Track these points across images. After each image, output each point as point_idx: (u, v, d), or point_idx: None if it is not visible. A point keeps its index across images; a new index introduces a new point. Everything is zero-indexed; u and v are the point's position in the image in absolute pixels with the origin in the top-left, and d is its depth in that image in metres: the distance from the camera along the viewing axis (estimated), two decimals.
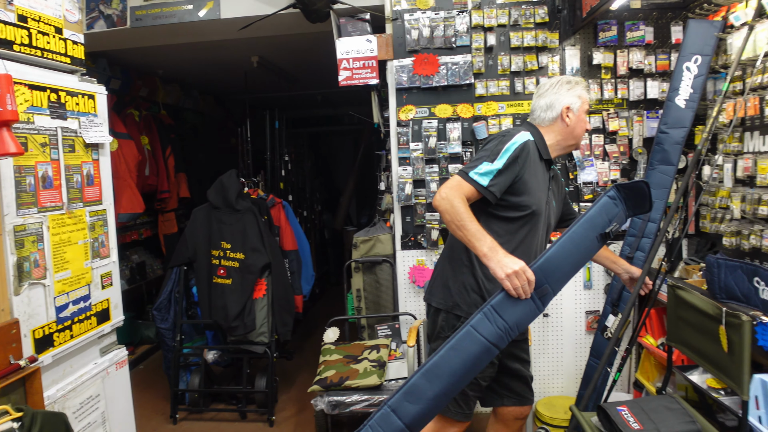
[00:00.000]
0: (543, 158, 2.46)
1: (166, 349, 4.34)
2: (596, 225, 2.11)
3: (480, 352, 2.00)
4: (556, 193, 2.59)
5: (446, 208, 2.18)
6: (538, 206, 2.39)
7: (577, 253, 2.11)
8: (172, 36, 4.40)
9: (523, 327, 2.07)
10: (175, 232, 6.12)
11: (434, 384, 1.96)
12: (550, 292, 2.07)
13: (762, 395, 2.26)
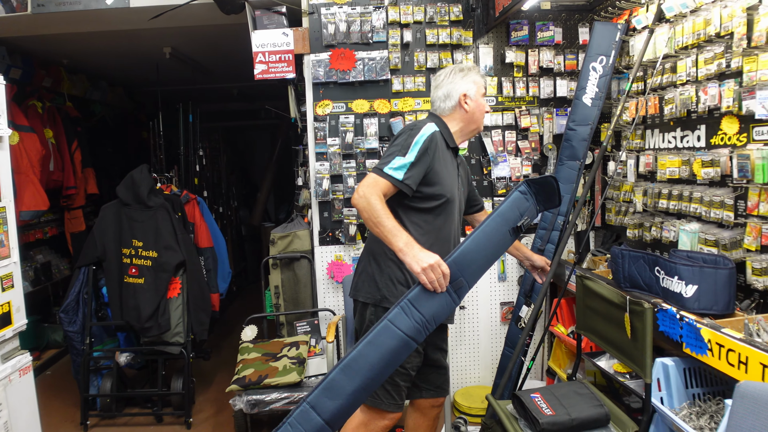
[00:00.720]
0: (449, 147, 2.54)
1: (75, 353, 4.15)
2: (508, 219, 2.17)
3: (398, 346, 2.01)
4: (464, 178, 2.70)
5: (363, 206, 2.20)
6: (451, 194, 2.47)
7: (491, 246, 2.17)
8: (78, 24, 4.19)
9: (440, 320, 2.09)
10: (82, 230, 5.86)
11: (353, 379, 1.96)
12: (465, 285, 2.11)
13: (663, 377, 2.40)
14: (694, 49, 2.78)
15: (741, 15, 2.43)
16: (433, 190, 2.42)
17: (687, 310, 2.37)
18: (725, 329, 2.12)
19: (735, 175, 2.48)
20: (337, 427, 1.97)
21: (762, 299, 2.45)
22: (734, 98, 2.49)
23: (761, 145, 2.37)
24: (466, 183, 2.76)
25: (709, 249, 2.64)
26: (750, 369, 1.95)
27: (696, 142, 2.84)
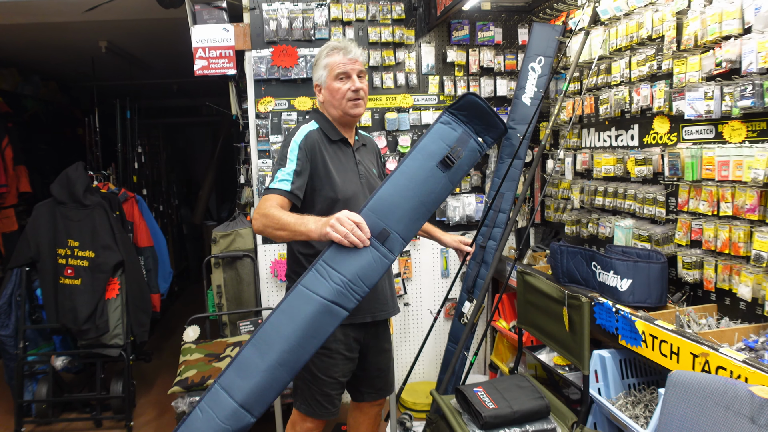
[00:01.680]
0: (335, 140, 2.39)
1: (8, 358, 3.99)
2: (432, 153, 1.95)
3: (317, 312, 1.79)
4: (368, 170, 2.50)
5: (263, 222, 2.09)
6: (345, 192, 2.32)
7: (415, 186, 1.92)
8: (7, 15, 4.03)
9: (372, 280, 1.87)
10: (15, 230, 5.62)
11: (266, 354, 1.75)
12: (394, 235, 1.89)
13: (600, 369, 2.48)
14: (628, 51, 2.88)
15: (671, 19, 2.53)
16: (326, 192, 2.31)
17: (622, 303, 2.46)
18: (658, 321, 2.21)
19: (666, 172, 2.57)
20: (256, 411, 1.75)
21: (692, 292, 2.56)
22: (665, 99, 2.58)
23: (690, 144, 2.47)
24: (378, 174, 2.59)
25: (643, 244, 2.73)
26: (681, 359, 2.03)
27: (630, 141, 2.94)
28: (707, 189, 2.36)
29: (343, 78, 2.35)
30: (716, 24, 2.25)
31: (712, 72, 2.31)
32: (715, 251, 2.37)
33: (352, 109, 2.36)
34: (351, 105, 2.36)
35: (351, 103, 2.35)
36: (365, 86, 2.40)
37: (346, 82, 2.35)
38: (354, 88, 2.34)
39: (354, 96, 2.35)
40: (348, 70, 2.34)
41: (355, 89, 2.34)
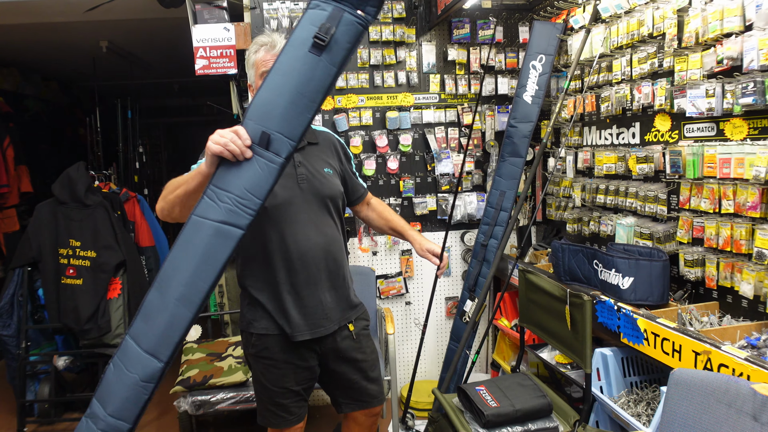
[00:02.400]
0: None
1: (10, 358, 4.00)
2: (303, 40, 1.72)
3: (209, 237, 1.65)
4: (329, 161, 2.33)
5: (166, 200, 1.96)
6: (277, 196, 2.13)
7: (290, 80, 1.71)
8: (8, 15, 4.03)
9: (262, 190, 1.70)
10: (16, 230, 5.63)
11: (165, 293, 1.65)
12: (276, 135, 1.70)
13: (602, 367, 2.48)
14: (629, 48, 2.87)
15: (672, 17, 2.52)
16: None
17: (624, 301, 2.46)
18: (660, 319, 2.21)
19: (668, 170, 2.57)
20: (163, 355, 1.64)
21: (694, 289, 2.56)
22: (666, 97, 2.58)
23: (692, 142, 2.47)
24: (337, 171, 2.37)
25: (645, 242, 2.73)
26: (683, 357, 2.03)
27: (631, 139, 2.94)
28: (709, 187, 2.36)
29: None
30: (717, 21, 2.24)
31: (713, 69, 2.30)
32: (716, 249, 2.36)
33: None
34: None
35: None
36: None
37: None
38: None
39: None
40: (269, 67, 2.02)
41: None
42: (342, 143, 2.49)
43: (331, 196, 2.29)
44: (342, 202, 2.37)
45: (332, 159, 2.38)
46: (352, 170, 2.51)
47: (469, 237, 3.93)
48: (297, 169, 2.23)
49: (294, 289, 2.21)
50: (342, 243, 2.36)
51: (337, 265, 2.30)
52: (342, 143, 2.49)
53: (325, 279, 2.26)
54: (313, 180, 2.24)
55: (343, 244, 2.38)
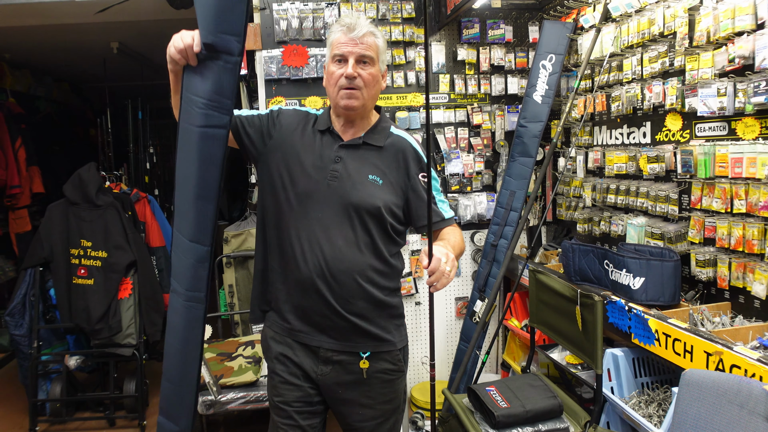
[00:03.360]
0: (321, 129, 2.03)
1: (22, 358, 4.03)
2: None
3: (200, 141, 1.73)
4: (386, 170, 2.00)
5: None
6: (299, 184, 1.96)
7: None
8: (20, 17, 4.06)
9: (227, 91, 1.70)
10: (28, 230, 5.68)
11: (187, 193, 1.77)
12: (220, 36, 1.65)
13: (613, 368, 2.47)
14: (639, 48, 2.86)
15: (683, 15, 2.51)
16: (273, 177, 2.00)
17: (635, 301, 2.44)
18: (671, 319, 2.20)
19: (679, 170, 2.56)
20: (206, 242, 1.79)
21: (706, 290, 2.54)
22: (677, 96, 2.57)
23: (703, 141, 2.45)
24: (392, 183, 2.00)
25: (656, 242, 2.72)
26: (695, 357, 2.02)
27: (642, 139, 2.92)
28: (720, 186, 2.35)
29: (339, 61, 1.94)
30: (729, 20, 2.23)
31: (725, 68, 2.29)
32: (728, 249, 2.35)
33: (342, 99, 1.94)
34: (342, 95, 1.94)
35: (343, 93, 1.93)
36: (366, 74, 1.94)
37: (341, 66, 1.94)
38: (347, 74, 1.90)
39: (346, 84, 1.92)
40: (345, 52, 1.92)
41: (348, 75, 1.90)
42: (419, 155, 2.05)
43: (361, 206, 1.93)
44: (382, 220, 1.96)
45: (391, 169, 2.01)
46: (422, 189, 2.02)
47: (479, 237, 3.92)
48: (333, 165, 1.97)
49: (286, 286, 2.01)
50: (364, 266, 1.94)
51: (344, 289, 1.92)
52: (419, 155, 2.05)
53: (326, 294, 1.93)
54: (345, 181, 1.95)
55: (371, 269, 1.96)
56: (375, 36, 1.97)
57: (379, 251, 1.97)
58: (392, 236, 2.01)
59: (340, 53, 1.92)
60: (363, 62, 1.94)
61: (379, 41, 1.98)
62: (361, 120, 2.04)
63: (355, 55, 1.91)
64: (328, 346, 1.97)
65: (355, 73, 1.90)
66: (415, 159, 2.04)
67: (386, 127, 2.07)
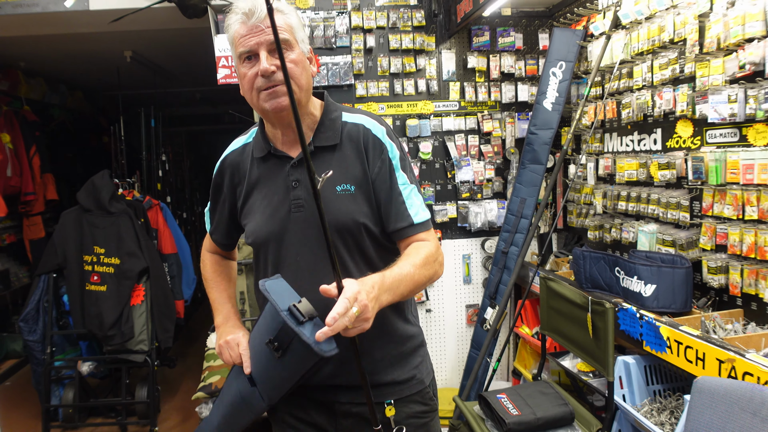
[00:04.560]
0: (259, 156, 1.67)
1: (36, 363, 4.07)
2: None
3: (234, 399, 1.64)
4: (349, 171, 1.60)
5: (202, 272, 1.89)
6: (260, 231, 1.63)
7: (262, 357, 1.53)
8: (36, 26, 4.11)
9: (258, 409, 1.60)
10: (42, 237, 5.73)
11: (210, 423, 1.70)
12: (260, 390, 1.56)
13: (625, 375, 2.46)
14: (650, 54, 2.86)
15: (693, 22, 2.51)
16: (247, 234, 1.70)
17: (646, 308, 2.44)
18: (683, 327, 2.19)
19: (690, 177, 2.55)
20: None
21: (718, 297, 2.53)
22: (688, 102, 2.56)
23: (714, 148, 2.45)
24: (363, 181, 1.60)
25: (667, 249, 2.71)
26: (707, 365, 2.01)
27: (653, 145, 2.92)
28: (732, 193, 2.34)
29: (249, 58, 1.53)
30: (739, 26, 2.23)
31: (735, 75, 2.29)
32: (740, 256, 2.34)
33: (266, 102, 1.53)
34: (264, 97, 1.53)
35: (264, 95, 1.52)
36: (287, 63, 1.48)
37: (252, 64, 1.53)
38: (261, 70, 1.49)
39: (265, 84, 1.51)
40: (251, 46, 1.50)
41: (263, 73, 1.49)
42: (377, 138, 1.62)
43: (341, 228, 1.56)
44: (371, 232, 1.61)
45: (355, 167, 1.60)
46: (390, 181, 1.61)
47: (489, 244, 3.92)
48: (291, 192, 1.60)
49: None
50: None
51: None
52: (377, 138, 1.62)
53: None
54: (312, 206, 1.56)
55: None
56: (282, 12, 1.55)
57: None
58: (390, 248, 1.67)
59: (246, 49, 1.51)
60: (275, 51, 1.49)
61: (290, 18, 1.56)
62: (302, 120, 1.57)
63: (265, 44, 1.50)
64: (345, 399, 1.64)
65: (271, 67, 1.48)
66: (374, 145, 1.61)
67: (336, 118, 1.65)
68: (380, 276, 1.41)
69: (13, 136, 5.34)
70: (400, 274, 1.46)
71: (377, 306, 1.35)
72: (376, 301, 1.34)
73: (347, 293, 1.26)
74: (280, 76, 1.48)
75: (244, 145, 1.75)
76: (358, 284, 1.30)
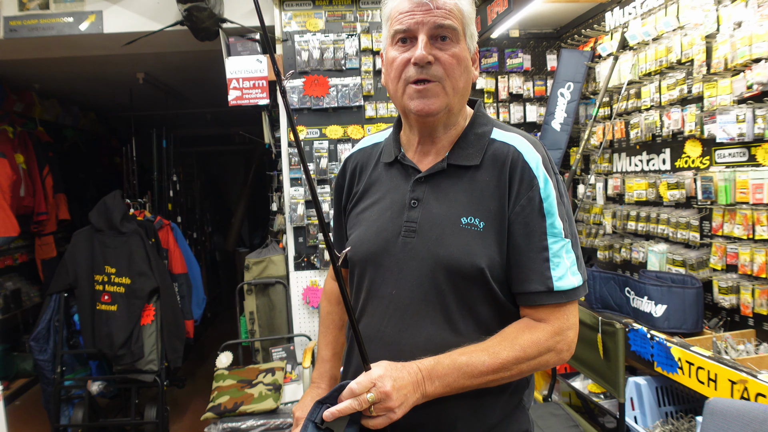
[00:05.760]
0: (388, 161, 1.42)
1: (46, 382, 4.07)
2: None
3: None
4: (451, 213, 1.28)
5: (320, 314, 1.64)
6: (359, 249, 1.37)
7: None
8: (51, 49, 4.19)
9: None
10: (53, 256, 5.76)
11: None
12: None
13: (636, 396, 2.44)
14: (657, 75, 2.88)
15: (700, 43, 2.52)
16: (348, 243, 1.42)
17: (657, 329, 2.42)
18: (694, 347, 2.17)
19: (699, 196, 2.55)
20: None
21: (729, 317, 2.51)
22: (696, 122, 2.57)
23: (723, 168, 2.45)
24: (489, 217, 1.26)
25: (677, 269, 2.70)
26: (719, 386, 1.99)
27: (661, 165, 2.92)
28: (742, 212, 2.33)
29: (403, 40, 1.28)
30: (746, 47, 2.24)
31: (743, 95, 2.29)
32: (751, 275, 2.33)
33: (412, 101, 1.27)
34: (411, 93, 1.27)
35: (412, 90, 1.27)
36: (448, 56, 1.25)
37: (406, 48, 1.28)
38: (416, 58, 1.23)
39: (416, 75, 1.25)
40: (411, 25, 1.25)
41: (418, 60, 1.23)
42: (528, 167, 1.26)
43: (453, 268, 1.25)
44: (488, 287, 1.26)
45: (492, 198, 1.27)
46: (534, 226, 1.25)
47: None
48: (407, 212, 1.32)
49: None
50: None
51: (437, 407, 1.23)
52: (528, 167, 1.26)
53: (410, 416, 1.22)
54: (428, 233, 1.29)
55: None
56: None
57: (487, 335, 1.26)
58: (510, 309, 1.30)
59: (403, 28, 1.26)
60: (441, 38, 1.26)
61: (464, 5, 1.29)
62: (445, 130, 1.35)
63: (427, 27, 1.24)
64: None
65: (429, 56, 1.23)
66: (521, 175, 1.26)
67: (484, 133, 1.34)
68: (434, 361, 1.17)
69: (27, 156, 5.40)
70: (468, 364, 1.18)
71: (416, 397, 1.14)
72: (415, 391, 1.14)
73: (370, 374, 1.13)
74: (438, 71, 1.25)
75: (375, 144, 1.50)
76: (385, 368, 1.14)
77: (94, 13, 3.84)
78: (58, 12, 3.83)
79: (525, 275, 1.24)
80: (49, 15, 3.82)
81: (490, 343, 1.21)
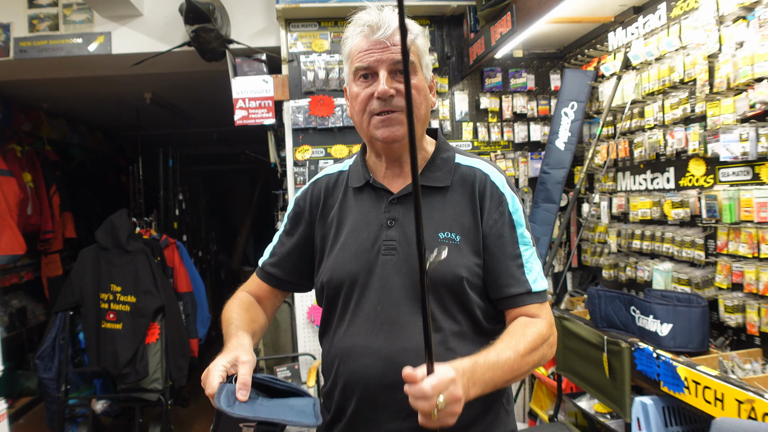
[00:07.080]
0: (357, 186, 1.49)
1: (50, 401, 4.06)
2: None
3: None
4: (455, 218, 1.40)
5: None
6: (336, 269, 1.43)
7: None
8: (60, 69, 4.24)
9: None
10: (59, 274, 5.78)
11: None
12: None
13: (643, 416, 2.42)
14: (660, 94, 2.89)
15: (703, 62, 2.54)
16: (322, 271, 1.48)
17: (663, 348, 2.41)
18: (701, 367, 2.16)
19: (704, 215, 2.55)
20: None
21: (735, 336, 2.50)
22: (700, 141, 2.58)
23: (727, 186, 2.45)
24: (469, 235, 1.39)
25: (683, 287, 2.69)
26: (726, 405, 1.98)
27: (666, 184, 2.93)
28: (746, 231, 2.33)
29: (365, 76, 1.39)
30: (748, 66, 2.26)
31: (746, 114, 2.31)
32: (757, 294, 2.32)
33: (377, 130, 1.38)
34: (376, 123, 1.38)
35: (377, 120, 1.38)
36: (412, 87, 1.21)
37: (368, 83, 1.38)
38: (378, 92, 1.34)
39: (380, 107, 1.36)
40: (371, 63, 1.36)
41: (380, 94, 1.34)
42: (496, 187, 1.43)
43: (442, 280, 1.35)
44: (465, 297, 1.37)
45: (464, 215, 1.41)
46: (508, 238, 1.39)
47: None
48: (385, 231, 1.41)
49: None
50: None
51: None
52: (496, 187, 1.43)
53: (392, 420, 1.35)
54: (408, 249, 1.38)
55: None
56: (410, 32, 1.37)
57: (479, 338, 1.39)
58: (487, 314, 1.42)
59: (364, 65, 1.37)
60: (400, 72, 1.35)
61: (418, 40, 1.41)
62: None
63: (387, 64, 1.35)
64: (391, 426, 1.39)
65: (390, 89, 1.34)
66: (491, 194, 1.41)
67: (449, 158, 1.47)
68: (471, 363, 1.18)
69: (35, 175, 5.45)
70: (497, 361, 1.22)
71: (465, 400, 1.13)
72: (466, 395, 1.13)
73: (440, 375, 1.08)
74: (400, 102, 1.35)
75: (340, 171, 1.57)
76: (455, 371, 1.11)
77: (103, 35, 3.90)
78: (67, 33, 3.89)
79: (504, 281, 1.37)
80: (59, 36, 3.88)
81: (506, 340, 1.28)
